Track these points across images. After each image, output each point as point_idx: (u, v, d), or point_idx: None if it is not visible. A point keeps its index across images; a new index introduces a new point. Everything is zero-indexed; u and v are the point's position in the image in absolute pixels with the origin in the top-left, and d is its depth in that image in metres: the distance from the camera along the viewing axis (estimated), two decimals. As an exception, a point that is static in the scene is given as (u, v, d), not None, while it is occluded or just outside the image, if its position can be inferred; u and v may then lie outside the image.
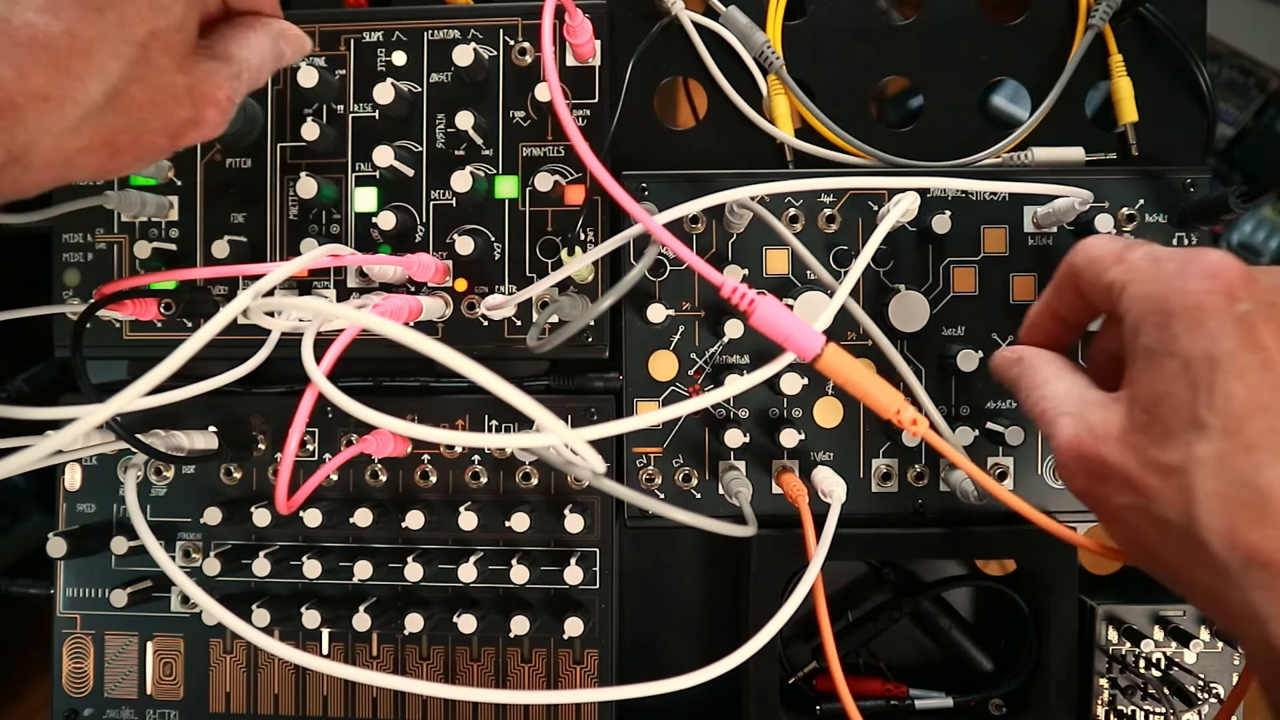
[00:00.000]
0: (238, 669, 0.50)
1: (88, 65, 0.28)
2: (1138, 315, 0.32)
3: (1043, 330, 0.40)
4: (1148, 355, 0.31)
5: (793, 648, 0.53)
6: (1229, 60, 1.02)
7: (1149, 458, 0.30)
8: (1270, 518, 0.28)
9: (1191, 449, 0.29)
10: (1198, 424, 0.29)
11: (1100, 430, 0.32)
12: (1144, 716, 0.49)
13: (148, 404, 0.39)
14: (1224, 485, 0.28)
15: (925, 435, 0.38)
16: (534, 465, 0.48)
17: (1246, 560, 0.28)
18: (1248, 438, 0.28)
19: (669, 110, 0.60)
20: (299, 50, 0.39)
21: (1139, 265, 0.33)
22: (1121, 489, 0.31)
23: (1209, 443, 0.29)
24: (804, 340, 0.36)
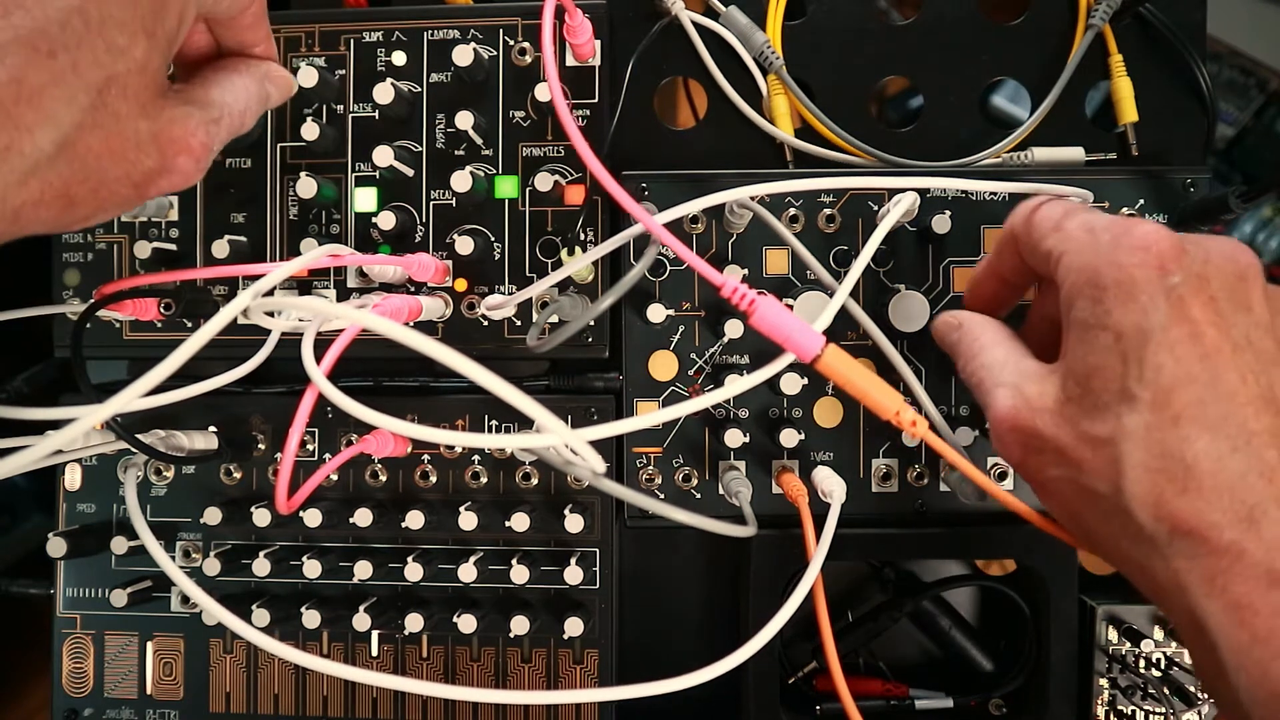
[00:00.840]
0: (238, 669, 0.50)
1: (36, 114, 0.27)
2: (1072, 287, 0.32)
3: (986, 291, 0.40)
4: (1082, 327, 0.31)
5: (793, 648, 0.53)
6: (1229, 60, 1.02)
7: (1081, 430, 0.31)
8: (1194, 488, 0.28)
9: (1121, 421, 0.29)
10: (1128, 397, 0.29)
11: (1036, 402, 0.32)
12: (1144, 716, 0.49)
13: (148, 404, 0.39)
14: (1150, 457, 0.29)
15: (925, 436, 0.38)
16: (534, 465, 0.48)
17: (1171, 530, 0.29)
18: (1175, 410, 0.29)
19: (669, 110, 0.60)
20: (285, 92, 0.38)
21: (1074, 235, 0.33)
22: (1054, 461, 0.32)
23: (1138, 415, 0.29)
24: (804, 341, 0.36)
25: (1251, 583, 0.27)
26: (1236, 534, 0.28)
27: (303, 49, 0.48)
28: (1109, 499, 0.30)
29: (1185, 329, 0.29)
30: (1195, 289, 0.30)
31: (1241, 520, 0.28)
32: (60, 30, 0.27)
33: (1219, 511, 0.28)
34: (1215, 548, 0.28)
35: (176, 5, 0.30)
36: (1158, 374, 0.29)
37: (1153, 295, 0.30)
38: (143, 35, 0.29)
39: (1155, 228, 0.31)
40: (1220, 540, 0.28)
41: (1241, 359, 0.29)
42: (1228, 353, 0.29)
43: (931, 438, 0.38)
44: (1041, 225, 0.35)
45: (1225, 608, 0.28)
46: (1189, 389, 0.29)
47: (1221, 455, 0.28)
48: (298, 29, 0.48)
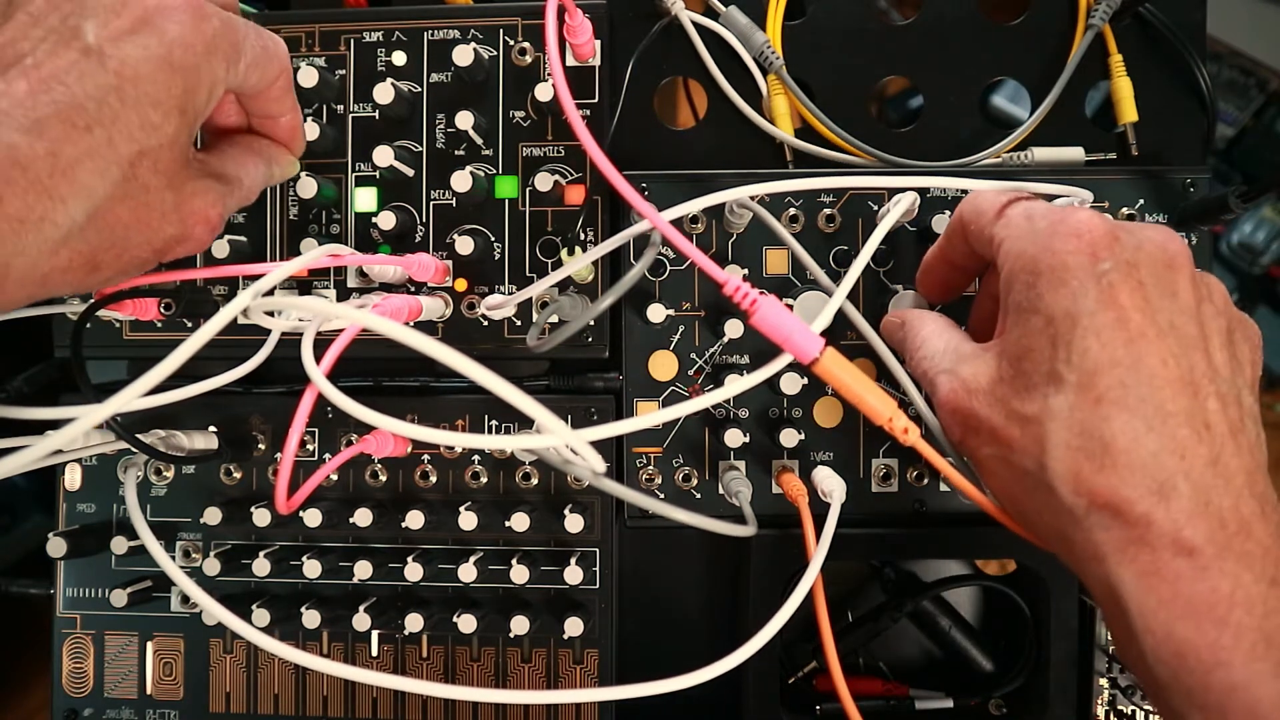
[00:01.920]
0: (238, 669, 0.50)
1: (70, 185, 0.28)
2: (1009, 272, 0.33)
3: (937, 276, 0.42)
4: (1017, 310, 0.33)
5: (793, 648, 0.53)
6: (1229, 60, 1.02)
7: (1011, 409, 0.32)
8: (1110, 465, 0.30)
9: (1048, 401, 0.31)
10: (1055, 378, 0.31)
11: (971, 384, 0.34)
12: (1144, 716, 0.49)
13: (147, 404, 0.39)
14: (1072, 435, 0.30)
15: (916, 444, 0.38)
16: (534, 465, 0.48)
17: (1089, 504, 0.30)
18: (1097, 391, 0.30)
19: (669, 110, 0.60)
20: (286, 174, 0.41)
21: (1015, 222, 0.34)
22: (988, 439, 0.33)
23: (1063, 396, 0.31)
24: (803, 343, 0.36)
25: (1160, 551, 0.29)
26: (1148, 506, 0.29)
27: (303, 49, 0.48)
28: (1034, 475, 0.32)
29: (1112, 314, 0.30)
30: (1125, 275, 0.31)
31: (1153, 494, 0.29)
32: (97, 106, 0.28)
33: (1132, 487, 0.29)
34: (1128, 520, 0.29)
35: (207, 83, 0.32)
36: (1084, 357, 0.30)
37: (1083, 281, 0.31)
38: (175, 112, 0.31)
39: (1090, 216, 0.32)
40: (1133, 513, 0.29)
41: (1165, 343, 0.30)
42: (1152, 337, 0.30)
43: (923, 446, 0.38)
44: (985, 212, 0.36)
45: (1136, 574, 0.29)
46: (1112, 372, 0.30)
47: (1138, 434, 0.30)
48: (298, 29, 0.48)
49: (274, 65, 0.36)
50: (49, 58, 0.28)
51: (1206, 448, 0.30)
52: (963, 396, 0.34)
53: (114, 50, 0.29)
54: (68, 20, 0.29)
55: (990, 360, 0.34)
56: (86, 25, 0.29)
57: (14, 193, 0.27)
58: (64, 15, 0.29)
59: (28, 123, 0.27)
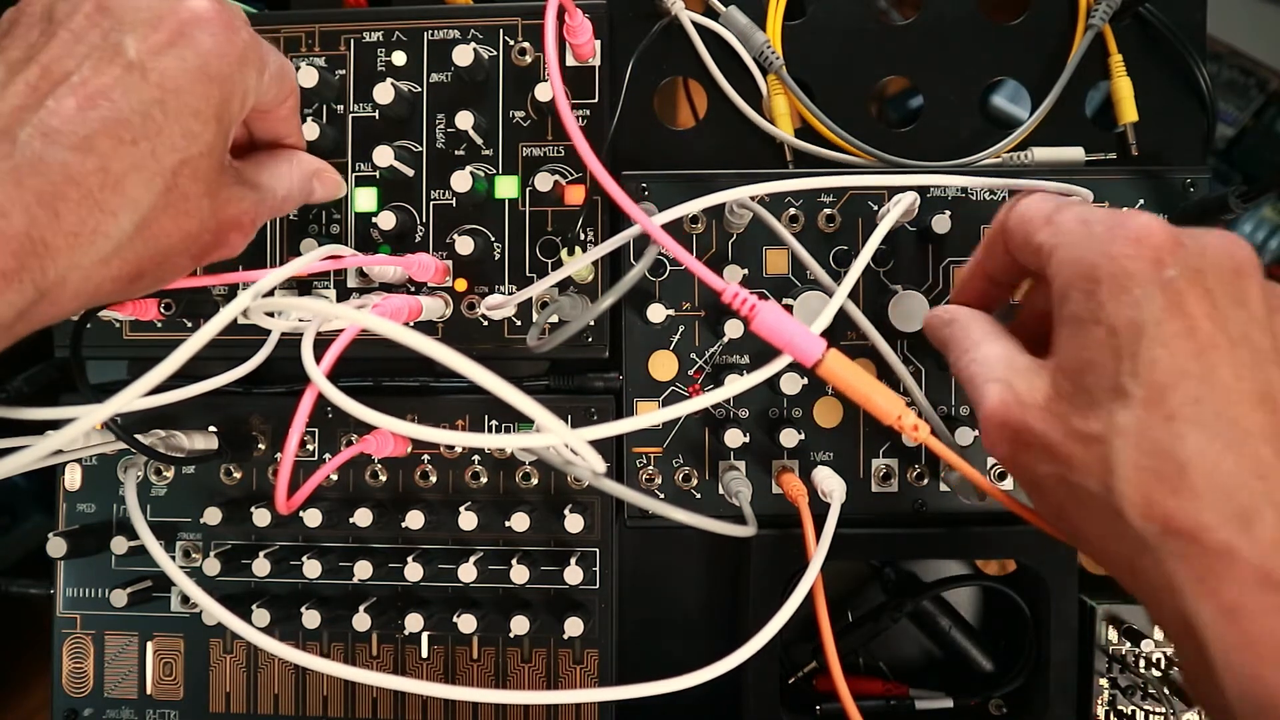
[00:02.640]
0: (238, 669, 0.50)
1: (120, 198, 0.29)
2: (1065, 280, 0.31)
3: (974, 290, 0.40)
4: (1074, 322, 0.31)
5: (793, 648, 0.53)
6: (1229, 60, 1.01)
7: (1071, 426, 0.30)
8: (1187, 488, 0.27)
9: (1113, 417, 0.29)
10: (1121, 393, 0.29)
11: (1026, 397, 0.32)
12: (1144, 716, 0.49)
13: (147, 404, 0.39)
14: (1142, 455, 0.28)
15: (927, 441, 0.37)
16: (534, 465, 0.48)
17: (1162, 531, 0.28)
18: (1169, 407, 0.28)
19: (669, 110, 0.60)
20: (332, 193, 0.42)
21: (1068, 228, 0.32)
22: (1044, 458, 0.31)
23: (1130, 411, 0.28)
24: (805, 346, 0.36)
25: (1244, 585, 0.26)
26: (1229, 535, 0.27)
27: (303, 49, 0.48)
28: (1099, 498, 0.29)
29: (1180, 323, 0.28)
30: (1191, 282, 0.29)
31: (1234, 520, 0.27)
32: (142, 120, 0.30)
33: (1211, 512, 0.27)
34: (1207, 548, 0.27)
35: (240, 91, 0.33)
36: (1151, 369, 0.28)
37: (1147, 289, 0.29)
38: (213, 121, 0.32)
39: (1150, 219, 0.30)
40: (1212, 541, 0.27)
41: (1237, 355, 0.28)
42: (1224, 348, 0.28)
43: (934, 442, 0.37)
44: (1033, 219, 0.34)
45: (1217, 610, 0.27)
46: (1183, 385, 0.28)
47: (1215, 454, 0.27)
48: (298, 29, 0.48)
49: (288, 82, 0.37)
50: (94, 75, 0.29)
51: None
52: (1015, 409, 0.32)
53: (154, 64, 0.30)
54: (109, 36, 0.30)
55: (1047, 375, 0.32)
56: (127, 40, 0.30)
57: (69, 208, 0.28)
58: (104, 32, 0.30)
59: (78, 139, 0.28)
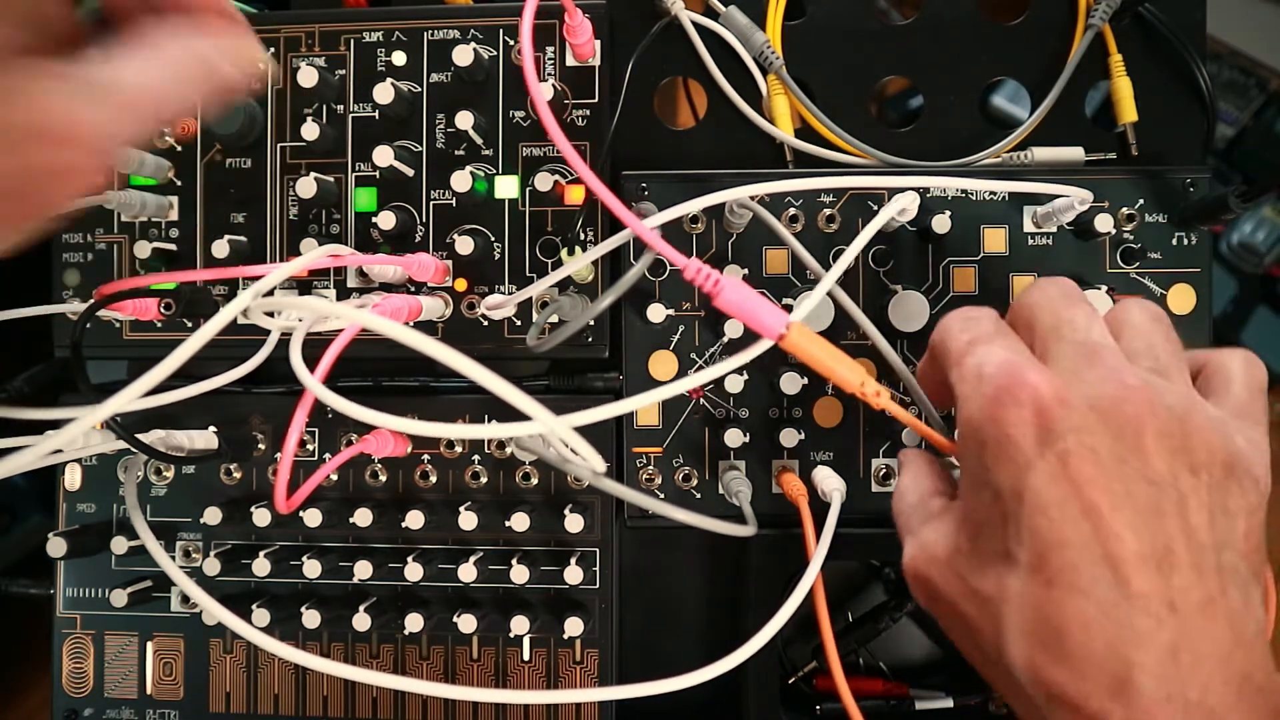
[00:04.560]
0: (238, 669, 0.50)
1: None
2: (960, 437, 0.32)
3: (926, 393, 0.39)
4: (970, 479, 0.31)
5: (793, 648, 0.53)
6: (1229, 60, 1.02)
7: (969, 585, 0.31)
8: (1066, 656, 0.27)
9: (1002, 581, 0.29)
10: (1008, 557, 0.29)
11: (931, 550, 0.33)
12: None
13: (147, 404, 0.39)
14: (1026, 620, 0.28)
15: (887, 407, 0.37)
16: (534, 465, 0.48)
17: (1048, 697, 0.28)
18: (1048, 573, 0.28)
19: (669, 110, 0.60)
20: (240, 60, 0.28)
21: (966, 378, 0.31)
22: (947, 612, 0.32)
23: (1016, 577, 0.29)
24: (769, 320, 0.35)
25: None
26: (1102, 703, 0.27)
27: (303, 49, 0.48)
28: (994, 656, 0.30)
29: (1062, 489, 0.28)
30: (1075, 444, 0.28)
31: (1109, 690, 0.27)
32: None
33: (1088, 681, 0.27)
34: (1086, 716, 0.27)
35: None
36: (1033, 536, 0.28)
37: (1028, 454, 0.29)
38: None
39: (1038, 377, 0.29)
40: (1089, 709, 0.27)
41: (1121, 516, 0.28)
42: (1106, 509, 0.28)
43: (893, 407, 0.38)
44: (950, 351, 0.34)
45: None
46: (1062, 553, 0.28)
47: (1091, 622, 0.27)
48: (298, 29, 0.48)
49: None
50: None
51: (1169, 633, 0.27)
52: (922, 564, 0.33)
53: None
54: None
55: (950, 526, 0.32)
56: None
57: None
58: None
59: None
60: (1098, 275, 0.47)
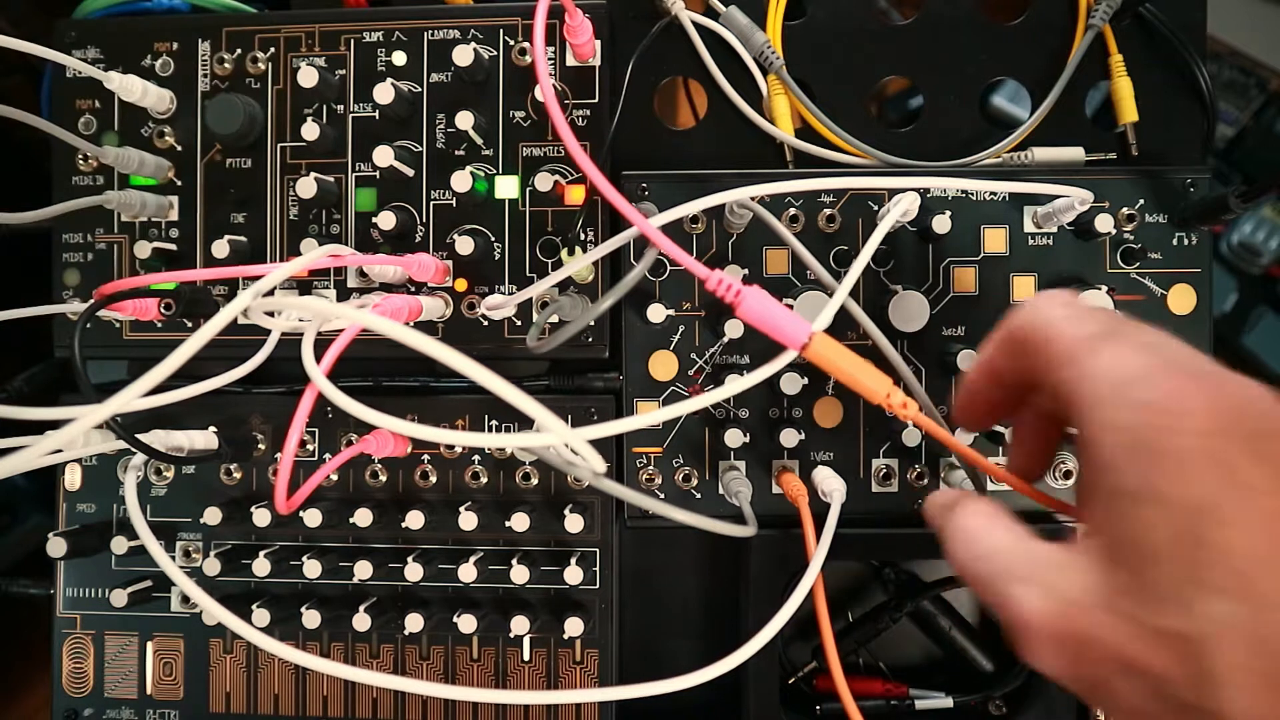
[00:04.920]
0: (238, 669, 0.50)
1: None
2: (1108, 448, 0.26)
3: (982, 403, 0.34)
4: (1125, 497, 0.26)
5: (793, 648, 0.53)
6: (1229, 60, 1.01)
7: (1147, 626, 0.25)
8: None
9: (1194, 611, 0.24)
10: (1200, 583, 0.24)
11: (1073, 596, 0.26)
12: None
13: (147, 404, 0.39)
14: (1248, 657, 0.23)
15: (916, 419, 0.37)
16: (534, 465, 0.48)
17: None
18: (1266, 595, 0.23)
19: (669, 110, 0.60)
20: None
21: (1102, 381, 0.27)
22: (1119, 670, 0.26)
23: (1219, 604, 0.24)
24: (791, 330, 0.36)
25: None
26: None
27: (303, 49, 0.48)
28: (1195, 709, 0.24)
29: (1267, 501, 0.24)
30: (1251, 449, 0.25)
31: None
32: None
33: None
34: None
35: None
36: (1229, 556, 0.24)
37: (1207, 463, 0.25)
38: None
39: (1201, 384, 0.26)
40: None
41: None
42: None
43: (923, 419, 0.37)
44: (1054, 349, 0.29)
45: None
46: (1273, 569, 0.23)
47: None
48: (298, 29, 0.48)
49: None
50: None
51: None
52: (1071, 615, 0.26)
53: None
54: None
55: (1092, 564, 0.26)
56: None
57: None
58: None
59: None
60: (1098, 275, 0.47)
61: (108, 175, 0.49)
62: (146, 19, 0.50)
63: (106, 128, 0.49)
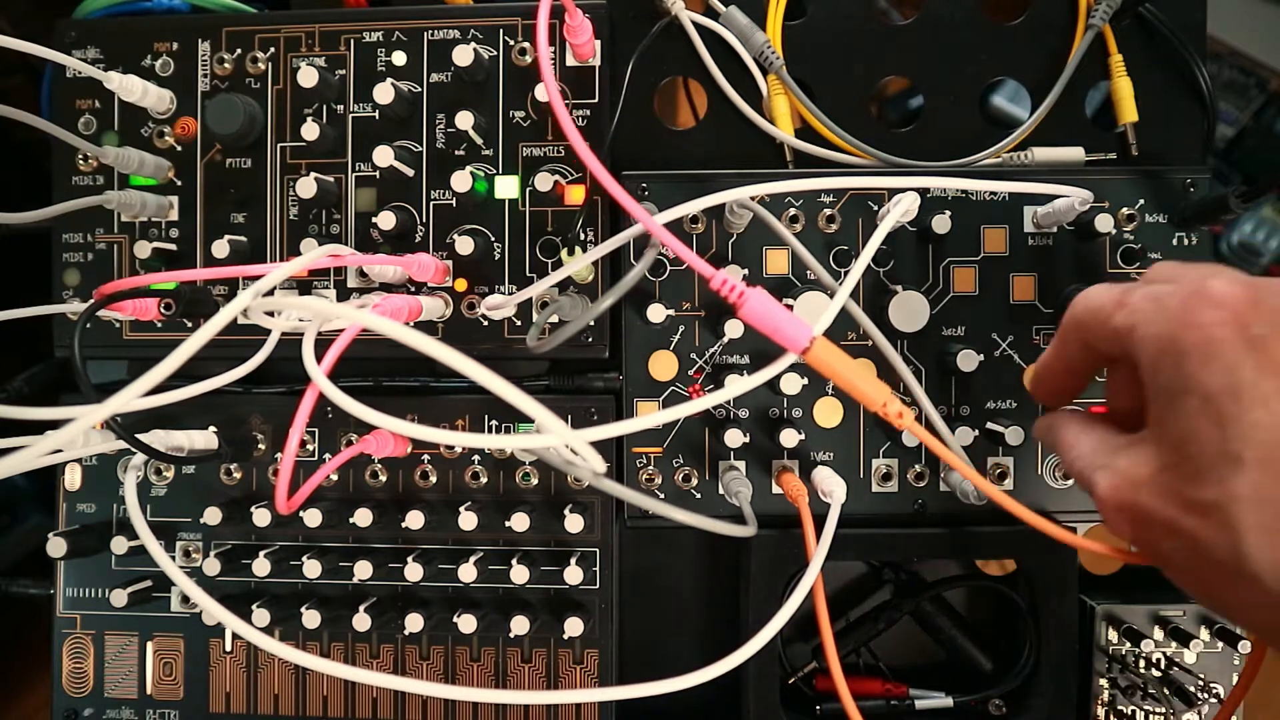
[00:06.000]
0: (238, 669, 0.50)
1: None
2: (1152, 356, 0.31)
3: (1054, 384, 0.39)
4: (1168, 394, 0.30)
5: (793, 648, 0.53)
6: (1229, 60, 1.01)
7: (1185, 497, 0.30)
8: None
9: (1226, 484, 0.28)
10: (1229, 458, 0.28)
11: (1133, 476, 0.32)
12: (1144, 716, 0.49)
13: (147, 404, 0.39)
14: (1268, 517, 0.27)
15: (911, 428, 0.37)
16: (534, 465, 0.48)
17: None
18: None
19: (669, 110, 0.60)
20: None
21: (1141, 307, 0.32)
22: (1165, 533, 0.31)
23: (1244, 475, 0.28)
24: (793, 333, 0.36)
25: None
26: None
27: (303, 49, 0.48)
28: (1231, 566, 0.29)
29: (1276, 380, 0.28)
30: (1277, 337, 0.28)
31: None
32: None
33: None
34: None
35: None
36: (1256, 430, 0.28)
37: (1236, 352, 0.29)
38: None
39: (1225, 283, 0.30)
40: None
41: None
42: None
43: (918, 429, 0.38)
44: (1103, 306, 0.34)
45: None
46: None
47: None
48: (298, 29, 0.48)
49: None
50: None
51: None
52: (1126, 491, 0.32)
53: None
54: None
55: (1148, 449, 0.32)
56: None
57: None
58: None
59: None
60: (1098, 275, 0.47)
61: (108, 175, 0.49)
62: (146, 19, 0.50)
63: (106, 128, 0.49)
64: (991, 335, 0.47)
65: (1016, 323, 0.47)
